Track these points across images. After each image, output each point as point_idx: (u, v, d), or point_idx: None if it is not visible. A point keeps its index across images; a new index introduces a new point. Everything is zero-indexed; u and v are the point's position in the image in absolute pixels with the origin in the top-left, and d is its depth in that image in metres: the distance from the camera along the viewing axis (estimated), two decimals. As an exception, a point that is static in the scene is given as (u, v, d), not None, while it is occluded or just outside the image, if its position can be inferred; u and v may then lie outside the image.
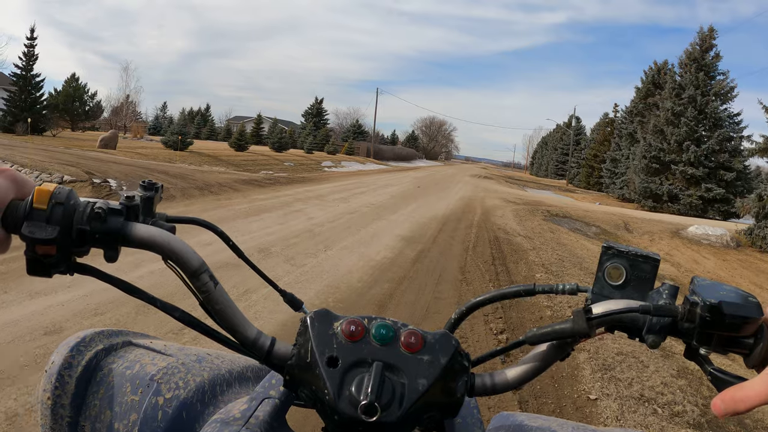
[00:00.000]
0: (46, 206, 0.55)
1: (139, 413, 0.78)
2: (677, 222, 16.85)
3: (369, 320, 0.61)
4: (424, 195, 16.55)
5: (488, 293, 0.70)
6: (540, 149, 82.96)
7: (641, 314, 0.57)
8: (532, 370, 0.65)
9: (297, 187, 14.82)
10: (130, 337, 0.93)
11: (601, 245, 0.64)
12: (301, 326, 0.61)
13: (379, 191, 16.27)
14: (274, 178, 16.72)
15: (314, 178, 19.01)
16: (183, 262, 0.60)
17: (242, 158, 23.83)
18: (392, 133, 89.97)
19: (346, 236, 7.96)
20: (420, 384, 0.57)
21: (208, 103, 56.73)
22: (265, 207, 9.94)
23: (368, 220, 9.93)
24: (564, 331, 0.60)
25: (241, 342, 0.63)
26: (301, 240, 7.28)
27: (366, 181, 20.22)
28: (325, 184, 16.86)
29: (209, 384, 0.84)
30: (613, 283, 0.62)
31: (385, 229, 9.01)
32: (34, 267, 0.56)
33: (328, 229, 8.43)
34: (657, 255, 0.62)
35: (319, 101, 55.67)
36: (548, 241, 9.68)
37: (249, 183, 13.99)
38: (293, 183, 15.99)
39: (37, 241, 0.54)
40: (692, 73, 28.47)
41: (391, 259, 6.72)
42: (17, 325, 3.52)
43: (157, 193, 0.67)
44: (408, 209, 12.41)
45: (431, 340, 0.60)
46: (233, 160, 22.03)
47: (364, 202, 12.91)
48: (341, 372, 0.57)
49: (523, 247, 8.63)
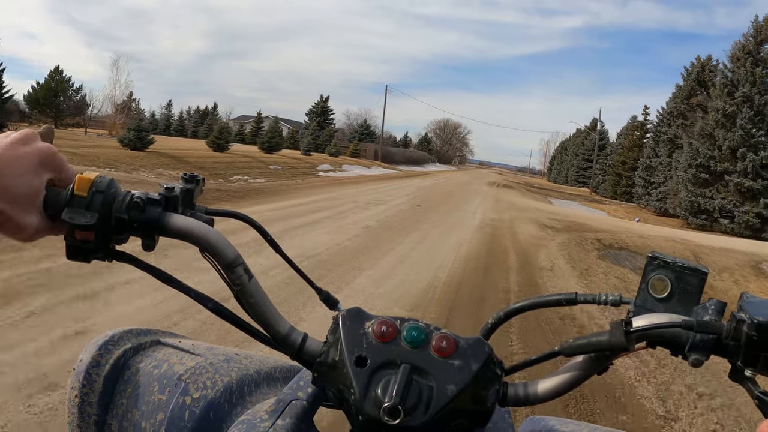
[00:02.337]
0: (86, 194, 0.57)
1: (166, 413, 0.77)
2: (753, 251, 12.82)
3: (401, 321, 0.60)
4: (424, 221, 10.78)
5: (528, 299, 0.67)
6: (558, 154, 78.67)
7: (683, 330, 0.55)
8: (568, 383, 0.63)
9: (252, 204, 11.03)
10: (159, 336, 0.93)
11: (647, 255, 0.62)
12: (333, 324, 0.61)
13: (356, 215, 10.56)
14: (236, 189, 12.97)
15: (292, 189, 15.10)
16: (218, 254, 0.61)
17: (218, 160, 20.04)
18: (404, 136, 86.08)
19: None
20: (449, 390, 0.56)
21: (215, 102, 53.92)
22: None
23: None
24: (601, 343, 0.58)
25: (273, 336, 0.63)
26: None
27: (353, 194, 15.29)
28: (296, 198, 12.71)
29: (237, 384, 0.83)
30: (657, 295, 0.61)
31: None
32: (73, 252, 0.58)
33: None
34: (705, 268, 0.60)
35: (325, 99, 52.10)
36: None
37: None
38: (253, 196, 12.14)
39: (77, 227, 0.56)
40: (747, 68, 24.40)
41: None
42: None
43: (198, 185, 0.67)
44: (380, 268, 6.17)
45: (464, 346, 0.59)
46: (204, 163, 18.24)
47: (313, 244, 6.99)
48: (369, 372, 0.56)
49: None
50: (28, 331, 3.32)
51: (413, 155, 63.56)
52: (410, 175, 34.42)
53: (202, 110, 59.81)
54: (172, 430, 0.76)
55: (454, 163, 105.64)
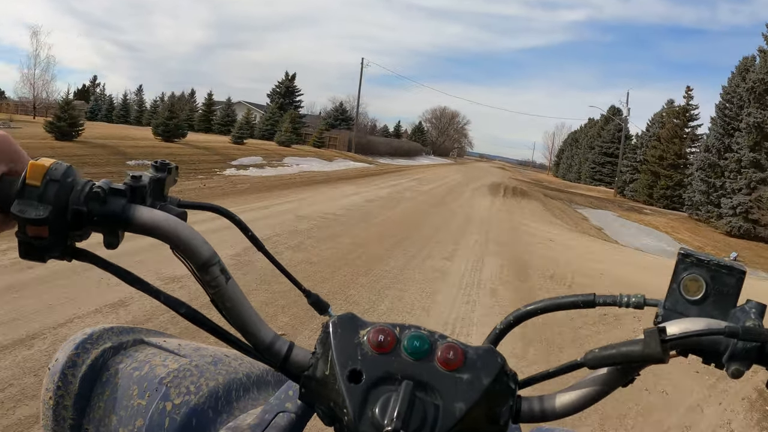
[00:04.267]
0: (39, 183, 0.50)
1: (145, 419, 0.73)
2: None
3: (401, 329, 0.53)
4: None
5: (541, 301, 0.62)
6: (568, 147, 69.47)
7: (726, 337, 0.49)
8: (589, 397, 0.56)
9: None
10: (143, 334, 0.89)
11: (678, 252, 0.57)
12: (323, 332, 0.55)
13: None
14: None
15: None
16: (191, 253, 0.54)
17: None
18: (396, 125, 76.85)
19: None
20: (457, 408, 0.49)
21: (192, 89, 45.51)
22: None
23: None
24: (632, 354, 0.51)
25: (255, 345, 0.57)
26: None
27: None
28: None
29: (224, 389, 0.79)
30: (690, 297, 0.55)
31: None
32: (26, 250, 0.52)
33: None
34: (743, 266, 0.55)
35: (290, 77, 42.79)
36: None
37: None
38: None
39: (27, 221, 0.50)
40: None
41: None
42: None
43: (170, 174, 0.62)
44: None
45: (473, 356, 0.52)
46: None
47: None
48: (365, 389, 0.50)
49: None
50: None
51: (402, 146, 54.52)
52: (383, 172, 25.17)
53: (178, 96, 51.29)
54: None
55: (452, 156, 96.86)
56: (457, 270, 6.46)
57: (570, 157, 65.28)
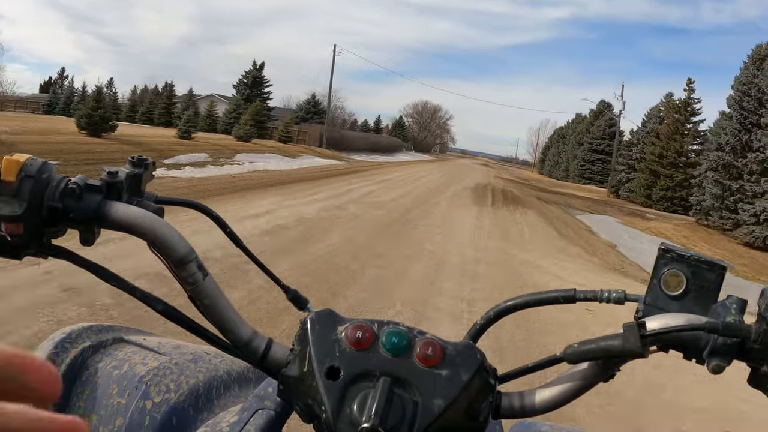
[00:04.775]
0: (14, 179, 0.50)
1: (125, 418, 0.73)
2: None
3: (379, 325, 0.54)
4: None
5: (521, 297, 0.62)
6: (554, 144, 66.58)
7: (706, 333, 0.50)
8: (570, 392, 0.56)
9: None
10: (122, 332, 0.89)
11: (658, 247, 0.57)
12: (301, 328, 0.55)
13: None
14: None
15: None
16: (168, 249, 0.54)
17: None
18: (376, 120, 73.39)
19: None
20: (436, 404, 0.50)
21: (168, 81, 41.66)
22: None
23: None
24: (612, 348, 0.52)
25: (233, 342, 0.57)
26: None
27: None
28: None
29: (204, 387, 0.79)
30: (670, 292, 0.55)
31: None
32: (0, 247, 0.51)
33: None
34: (725, 262, 0.55)
35: (258, 67, 39.03)
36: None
37: None
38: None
39: (2, 218, 0.50)
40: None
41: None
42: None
43: (147, 170, 0.62)
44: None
45: (452, 352, 0.53)
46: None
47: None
48: (342, 386, 0.50)
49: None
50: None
51: (381, 142, 51.21)
52: (348, 172, 21.66)
53: (152, 89, 47.35)
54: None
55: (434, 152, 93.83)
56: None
57: (557, 153, 62.37)
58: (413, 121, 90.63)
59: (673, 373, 4.11)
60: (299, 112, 43.51)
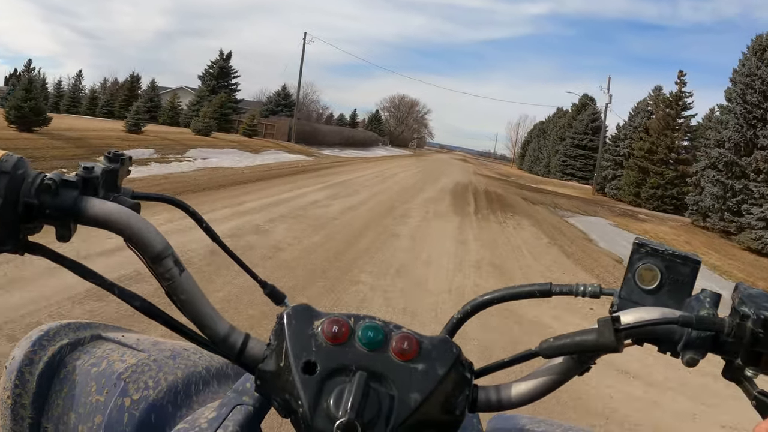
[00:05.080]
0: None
1: (104, 415, 0.73)
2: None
3: (356, 320, 0.53)
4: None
5: (497, 291, 0.62)
6: (535, 139, 64.95)
7: (680, 326, 0.50)
8: (546, 386, 0.57)
9: None
10: (101, 330, 0.87)
11: (633, 242, 0.57)
12: (277, 323, 0.54)
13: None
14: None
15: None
16: (144, 245, 0.54)
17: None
18: (352, 113, 71.02)
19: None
20: (412, 398, 0.50)
21: (134, 72, 38.51)
22: None
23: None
24: (586, 343, 0.52)
25: (210, 337, 0.56)
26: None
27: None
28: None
29: (183, 383, 0.78)
30: (644, 286, 0.56)
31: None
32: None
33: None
34: (698, 256, 0.56)
35: (225, 57, 36.32)
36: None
37: None
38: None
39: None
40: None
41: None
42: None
43: (124, 165, 0.63)
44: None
45: (428, 347, 0.53)
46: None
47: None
48: (319, 380, 0.50)
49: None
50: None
51: (355, 136, 48.96)
52: (311, 170, 19.19)
53: (122, 82, 44.30)
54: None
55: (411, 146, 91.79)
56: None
57: (537, 149, 60.70)
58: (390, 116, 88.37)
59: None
60: (269, 105, 40.99)
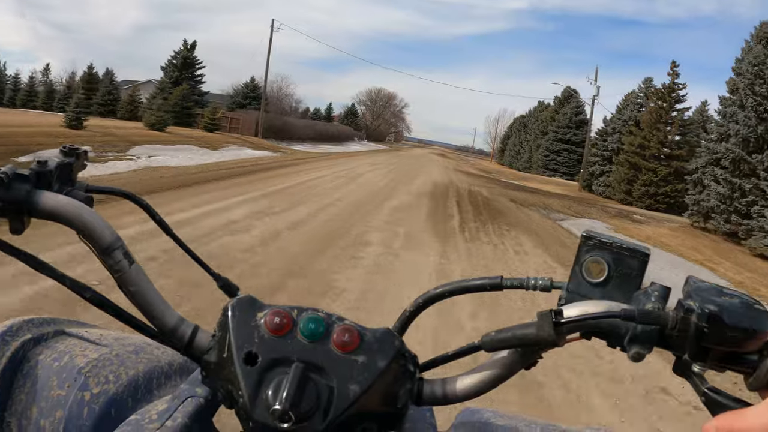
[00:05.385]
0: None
1: (64, 410, 0.72)
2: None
3: (299, 312, 0.54)
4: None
5: (447, 284, 0.61)
6: (515, 133, 63.23)
7: (623, 320, 0.49)
8: (491, 380, 0.56)
9: None
10: (64, 325, 0.87)
11: (581, 234, 0.56)
12: (222, 315, 0.55)
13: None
14: None
15: None
16: (94, 237, 0.55)
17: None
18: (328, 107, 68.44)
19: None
20: (351, 390, 0.50)
21: (107, 68, 35.59)
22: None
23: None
24: (526, 337, 0.52)
25: (159, 329, 0.58)
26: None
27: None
28: None
29: (144, 377, 0.78)
30: (592, 279, 0.55)
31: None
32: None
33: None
34: (647, 248, 0.54)
35: (189, 46, 33.40)
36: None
37: None
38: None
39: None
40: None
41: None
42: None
43: (79, 159, 0.63)
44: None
45: (369, 339, 0.53)
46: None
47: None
48: (259, 371, 0.50)
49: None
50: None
51: (329, 130, 46.54)
52: (276, 167, 16.61)
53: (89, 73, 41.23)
54: (71, 428, 0.70)
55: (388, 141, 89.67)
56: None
57: (518, 143, 58.95)
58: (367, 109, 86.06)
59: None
60: (236, 97, 38.31)
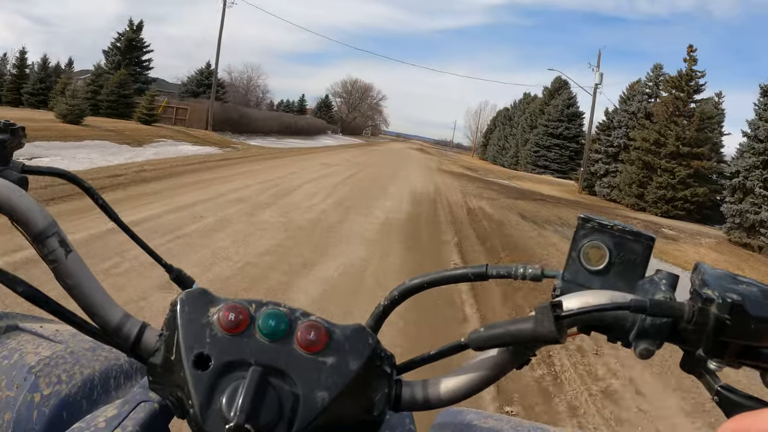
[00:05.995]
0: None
1: (12, 412, 0.68)
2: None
3: (257, 306, 0.47)
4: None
5: (428, 274, 0.54)
6: (499, 126, 59.43)
7: (632, 312, 0.43)
8: (478, 381, 0.50)
9: None
10: (17, 320, 0.83)
11: (578, 217, 0.50)
12: (170, 311, 0.48)
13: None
14: None
15: None
16: (26, 222, 0.49)
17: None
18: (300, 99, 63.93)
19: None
20: (319, 397, 0.44)
21: (70, 57, 31.09)
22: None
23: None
24: (522, 333, 0.45)
25: (102, 327, 0.50)
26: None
27: None
28: None
29: (101, 377, 0.74)
30: (591, 267, 0.48)
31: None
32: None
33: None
34: (651, 233, 0.48)
35: (135, 28, 28.56)
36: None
37: None
38: None
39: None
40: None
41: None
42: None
43: (14, 136, 0.59)
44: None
45: (339, 337, 0.46)
46: None
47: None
48: (212, 376, 0.44)
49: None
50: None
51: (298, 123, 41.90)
52: (197, 170, 11.60)
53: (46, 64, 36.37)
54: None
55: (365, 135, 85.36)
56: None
57: (503, 137, 55.08)
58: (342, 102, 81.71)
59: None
60: (189, 85, 33.63)
